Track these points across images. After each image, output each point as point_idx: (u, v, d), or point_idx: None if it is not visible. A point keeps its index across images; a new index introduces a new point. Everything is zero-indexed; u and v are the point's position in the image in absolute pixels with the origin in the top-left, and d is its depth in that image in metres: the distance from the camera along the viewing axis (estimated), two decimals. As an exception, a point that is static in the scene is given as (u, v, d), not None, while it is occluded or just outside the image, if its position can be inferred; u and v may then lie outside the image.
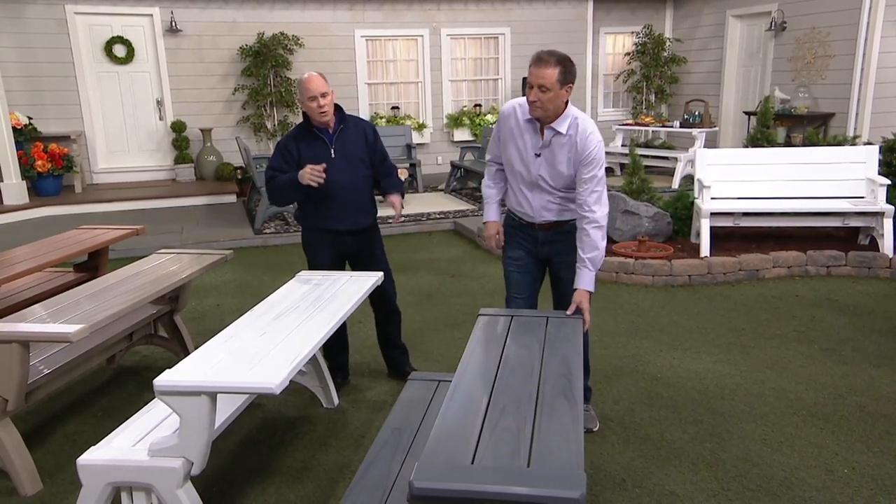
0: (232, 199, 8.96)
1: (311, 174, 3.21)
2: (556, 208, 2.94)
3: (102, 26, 9.18)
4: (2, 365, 2.65)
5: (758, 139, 6.87)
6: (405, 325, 3.78)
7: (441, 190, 9.37)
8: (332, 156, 3.36)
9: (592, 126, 2.82)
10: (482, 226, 3.58)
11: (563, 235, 2.99)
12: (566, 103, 2.78)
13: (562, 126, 2.78)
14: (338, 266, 3.56)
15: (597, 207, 2.80)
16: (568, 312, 2.78)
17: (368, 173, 3.50)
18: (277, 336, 2.58)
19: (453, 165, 9.26)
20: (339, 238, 3.48)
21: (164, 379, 2.22)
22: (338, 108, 3.41)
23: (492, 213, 3.14)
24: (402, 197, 3.59)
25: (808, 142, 7.04)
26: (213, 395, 2.28)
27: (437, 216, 7.74)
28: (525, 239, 3.05)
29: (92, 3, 9.00)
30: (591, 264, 2.82)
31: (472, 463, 1.65)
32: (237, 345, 2.50)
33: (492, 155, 3.11)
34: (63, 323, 2.68)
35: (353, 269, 3.60)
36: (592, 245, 2.81)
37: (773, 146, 6.82)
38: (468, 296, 5.29)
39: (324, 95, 3.27)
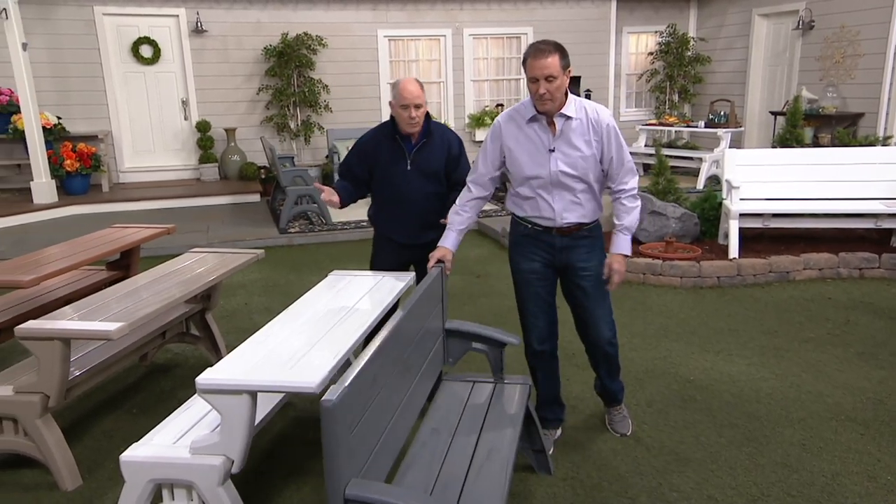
0: (256, 198, 9.03)
1: (325, 197, 3.23)
2: (578, 208, 2.85)
3: (129, 27, 9.29)
4: (44, 362, 2.69)
5: (787, 139, 6.78)
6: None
7: (463, 190, 9.34)
8: (408, 167, 3.26)
9: (594, 102, 2.86)
10: (505, 228, 3.39)
11: (582, 239, 2.90)
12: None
13: (570, 110, 2.75)
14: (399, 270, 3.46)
15: (629, 178, 2.86)
16: (606, 281, 2.90)
17: (441, 191, 3.35)
18: (314, 335, 2.58)
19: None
20: (402, 249, 3.41)
21: (205, 377, 2.23)
22: (426, 116, 3.25)
23: (449, 241, 2.96)
24: None
25: (839, 142, 6.94)
26: (253, 394, 2.29)
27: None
28: (541, 248, 2.90)
29: (119, 4, 9.11)
30: (629, 230, 2.91)
31: None
32: (275, 344, 2.51)
33: (476, 175, 2.96)
34: (103, 321, 2.71)
35: (417, 274, 3.45)
36: (627, 210, 2.90)
37: (802, 146, 6.73)
38: (495, 296, 5.28)
39: (417, 107, 3.13)
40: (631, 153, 8.17)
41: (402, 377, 2.33)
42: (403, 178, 3.27)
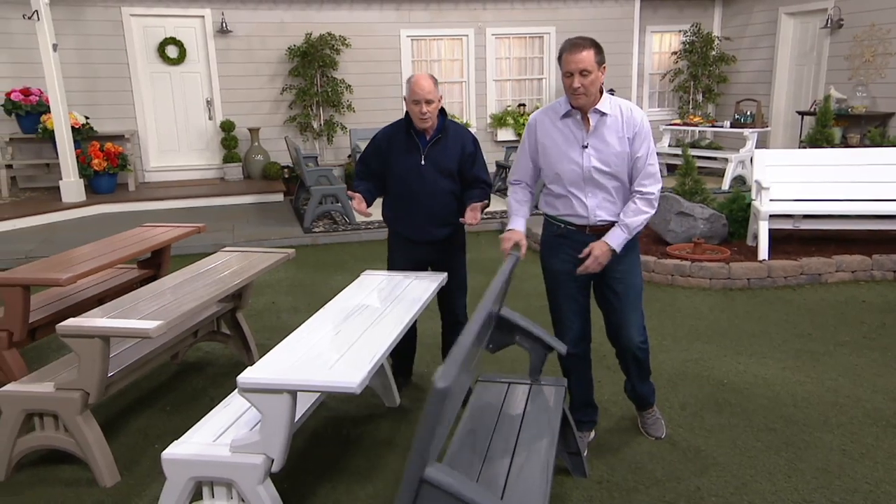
0: (279, 197, 9.07)
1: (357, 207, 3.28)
2: (611, 207, 2.83)
3: (156, 28, 9.38)
4: (85, 359, 2.72)
5: (817, 139, 6.68)
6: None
7: (486, 190, 9.31)
8: (422, 163, 3.28)
9: (628, 101, 2.85)
10: (530, 228, 3.25)
11: None
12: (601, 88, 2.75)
13: (604, 106, 2.76)
14: (416, 270, 3.47)
15: (648, 182, 2.80)
16: (581, 268, 2.78)
17: (455, 188, 3.37)
18: (351, 336, 2.59)
19: (498, 165, 9.21)
20: (415, 246, 3.43)
21: (247, 376, 2.24)
22: (441, 112, 3.28)
23: (519, 224, 2.96)
24: (482, 211, 3.33)
25: (869, 142, 6.83)
26: (294, 393, 2.30)
27: (484, 216, 7.66)
28: (574, 248, 2.85)
29: (146, 4, 9.21)
30: (628, 229, 2.79)
31: None
32: (313, 343, 2.52)
33: (519, 175, 3.00)
34: (141, 319, 2.74)
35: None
36: (637, 211, 2.79)
37: (832, 146, 6.64)
38: (520, 297, 5.25)
39: (428, 102, 3.15)
40: (656, 153, 7.86)
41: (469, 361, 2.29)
42: (417, 173, 3.29)
